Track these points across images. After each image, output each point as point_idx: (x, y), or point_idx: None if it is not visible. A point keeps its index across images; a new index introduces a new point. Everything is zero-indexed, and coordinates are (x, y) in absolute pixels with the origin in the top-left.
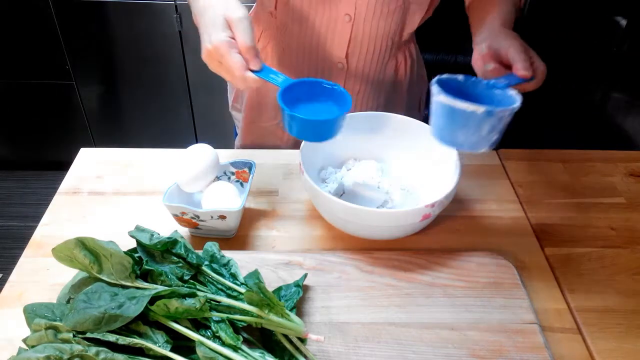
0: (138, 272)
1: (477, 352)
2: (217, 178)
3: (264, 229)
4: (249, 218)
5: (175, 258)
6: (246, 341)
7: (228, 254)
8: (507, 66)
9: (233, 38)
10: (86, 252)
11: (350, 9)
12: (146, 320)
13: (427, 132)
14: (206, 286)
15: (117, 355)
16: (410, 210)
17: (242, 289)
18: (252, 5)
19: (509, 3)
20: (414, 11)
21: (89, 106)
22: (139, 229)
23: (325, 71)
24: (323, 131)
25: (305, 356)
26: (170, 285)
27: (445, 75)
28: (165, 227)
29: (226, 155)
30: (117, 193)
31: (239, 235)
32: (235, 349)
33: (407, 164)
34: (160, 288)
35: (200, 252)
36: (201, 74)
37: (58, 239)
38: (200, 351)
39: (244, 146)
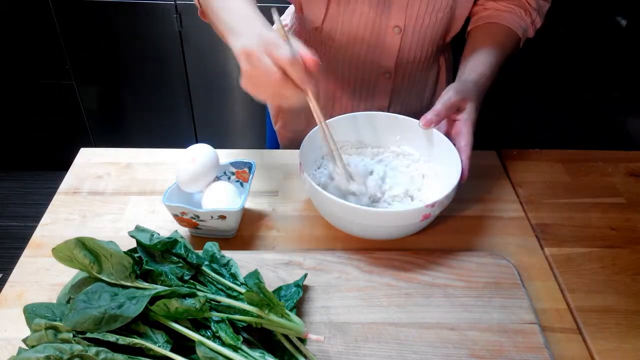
0: (138, 272)
1: (477, 352)
2: (217, 178)
3: (264, 229)
4: (249, 218)
5: (175, 258)
6: (246, 341)
7: (228, 254)
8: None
9: None
10: (86, 252)
11: (400, 21)
12: (146, 320)
13: (428, 132)
14: (206, 286)
15: (117, 355)
16: (411, 210)
17: (242, 289)
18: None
19: (499, 55)
20: (458, 15)
21: (89, 106)
22: (139, 229)
23: (372, 81)
24: None
25: (305, 356)
26: (170, 285)
27: None
28: (165, 227)
29: (226, 155)
30: (117, 193)
31: (239, 235)
32: (235, 349)
33: (408, 164)
34: (160, 288)
35: (200, 252)
36: (201, 74)
37: (58, 239)
38: (200, 351)
39: None
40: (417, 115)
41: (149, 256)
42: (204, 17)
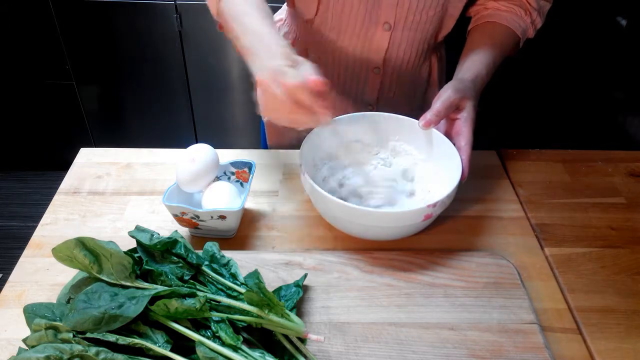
0: (138, 272)
1: (477, 352)
2: (217, 178)
3: (264, 229)
4: (249, 218)
5: (175, 258)
6: (246, 341)
7: (228, 254)
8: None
9: None
10: (86, 252)
11: (390, 18)
12: (146, 320)
13: (428, 132)
14: (206, 286)
15: (117, 355)
16: (412, 210)
17: (242, 289)
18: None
19: (497, 54)
20: (450, 15)
21: (89, 106)
22: (139, 229)
23: (362, 76)
24: None
25: (305, 356)
26: (170, 285)
27: None
28: (165, 227)
29: (226, 155)
30: (117, 193)
31: (239, 235)
32: (235, 349)
33: (408, 164)
34: (160, 288)
35: (200, 252)
36: (201, 74)
37: (58, 239)
38: (200, 351)
39: None
40: (406, 115)
41: (149, 256)
42: (222, 30)
